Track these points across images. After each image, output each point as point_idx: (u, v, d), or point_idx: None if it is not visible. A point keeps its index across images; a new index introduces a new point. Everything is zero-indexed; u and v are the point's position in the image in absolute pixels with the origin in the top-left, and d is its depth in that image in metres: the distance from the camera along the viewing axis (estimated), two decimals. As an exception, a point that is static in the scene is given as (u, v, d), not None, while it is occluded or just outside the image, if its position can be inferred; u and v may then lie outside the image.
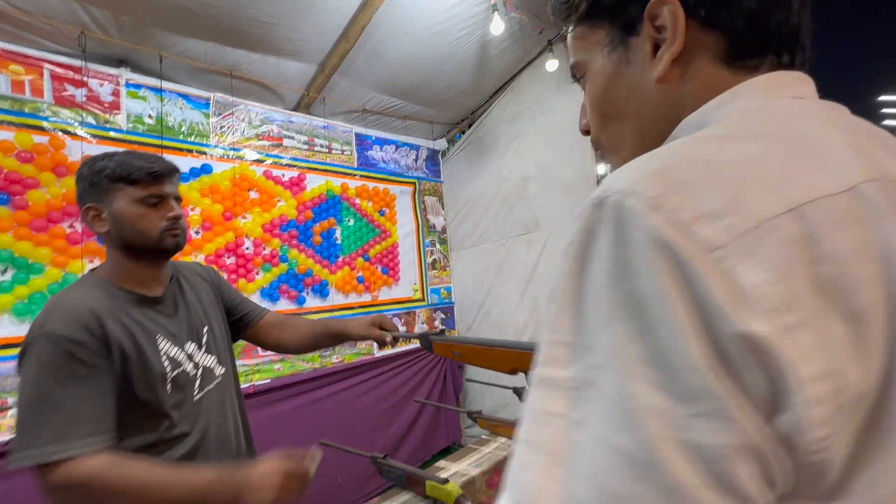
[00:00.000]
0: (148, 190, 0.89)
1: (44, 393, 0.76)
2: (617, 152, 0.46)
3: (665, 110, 0.41)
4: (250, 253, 2.50)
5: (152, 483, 0.76)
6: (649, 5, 0.39)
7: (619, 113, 0.44)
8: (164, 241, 0.91)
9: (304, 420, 2.55)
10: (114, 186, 0.87)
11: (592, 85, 0.46)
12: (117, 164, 0.87)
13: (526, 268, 3.20)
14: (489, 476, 1.45)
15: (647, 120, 0.43)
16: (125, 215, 0.87)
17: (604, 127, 0.46)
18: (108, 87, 2.10)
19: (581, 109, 0.50)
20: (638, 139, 0.44)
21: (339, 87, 2.78)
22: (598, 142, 0.48)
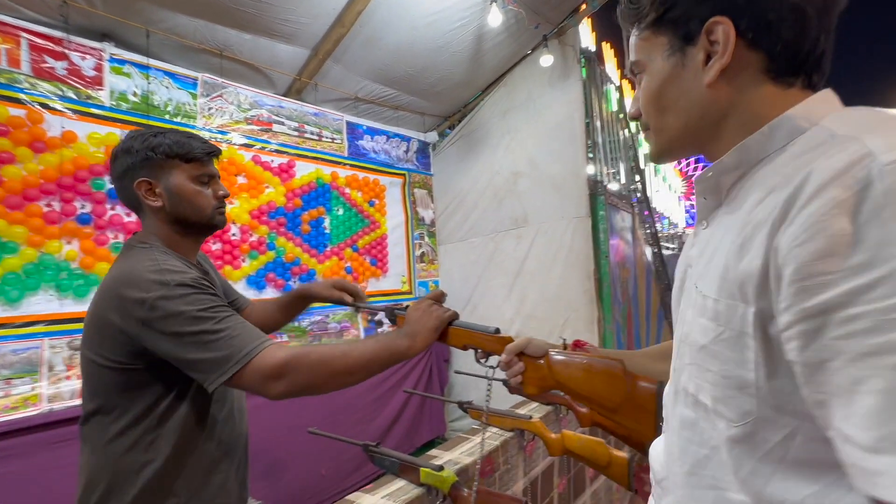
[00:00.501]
0: (202, 168, 0.92)
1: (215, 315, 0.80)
2: (662, 135, 0.57)
3: (712, 109, 0.51)
4: (237, 239, 2.44)
5: (346, 348, 0.83)
6: (708, 23, 0.48)
7: (670, 106, 0.54)
8: (215, 217, 0.94)
9: (289, 411, 2.50)
10: (170, 162, 0.89)
11: (650, 81, 0.55)
12: (174, 142, 0.89)
13: (514, 263, 3.21)
14: (482, 464, 1.45)
15: (695, 115, 0.52)
16: (184, 190, 0.90)
17: (655, 115, 0.56)
18: (90, 61, 2.01)
19: (633, 98, 0.60)
20: (682, 128, 0.54)
21: (332, 73, 2.73)
22: (646, 125, 0.58)
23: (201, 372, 0.79)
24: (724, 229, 0.49)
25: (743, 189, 0.49)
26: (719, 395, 0.47)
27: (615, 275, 3.03)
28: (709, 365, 0.48)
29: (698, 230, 0.57)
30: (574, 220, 2.91)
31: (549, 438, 1.53)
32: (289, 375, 0.78)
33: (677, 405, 0.57)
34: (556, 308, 2.98)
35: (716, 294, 0.47)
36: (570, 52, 2.93)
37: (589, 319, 2.83)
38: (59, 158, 1.87)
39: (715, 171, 0.52)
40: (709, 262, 0.50)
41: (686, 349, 0.53)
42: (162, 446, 0.83)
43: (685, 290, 0.58)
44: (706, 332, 0.48)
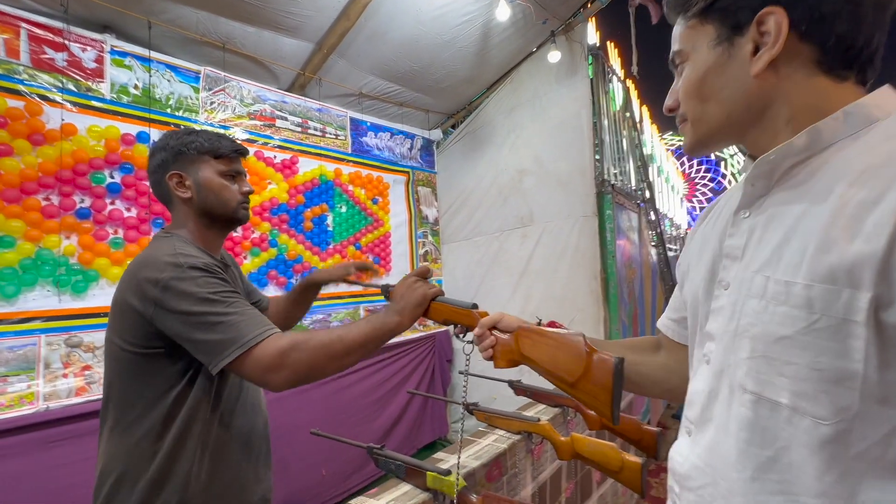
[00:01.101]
0: (230, 165, 0.98)
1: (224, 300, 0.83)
2: (701, 125, 0.56)
3: (758, 99, 0.51)
4: (238, 236, 2.40)
5: (341, 331, 0.85)
6: (761, 13, 0.48)
7: (713, 96, 0.53)
8: (238, 211, 0.99)
9: (289, 412, 2.47)
10: (200, 158, 0.95)
11: (693, 70, 0.54)
12: (206, 139, 0.96)
13: (519, 262, 3.17)
14: (489, 469, 1.41)
15: (740, 105, 0.52)
16: (212, 184, 0.96)
17: (696, 105, 0.55)
18: (91, 52, 1.97)
19: (671, 91, 0.59)
20: (724, 118, 0.54)
21: (336, 68, 2.69)
22: (684, 116, 0.57)
23: (205, 353, 0.81)
24: (796, 215, 0.47)
25: (815, 173, 0.48)
26: (806, 390, 0.44)
27: (622, 275, 2.99)
28: (792, 357, 0.45)
29: (736, 220, 0.55)
30: (580, 218, 2.87)
31: (559, 441, 1.49)
32: (290, 364, 0.80)
33: (732, 405, 0.52)
34: (561, 308, 2.93)
35: (806, 279, 0.44)
36: (578, 48, 2.88)
37: (595, 320, 2.78)
38: (58, 151, 1.83)
39: (779, 153, 0.50)
40: (779, 247, 0.48)
41: (746, 343, 0.50)
42: (173, 435, 0.85)
43: (727, 281, 0.55)
44: (791, 321, 0.45)
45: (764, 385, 0.48)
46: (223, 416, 0.92)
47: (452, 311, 0.91)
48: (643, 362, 0.77)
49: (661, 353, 0.79)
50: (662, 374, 0.74)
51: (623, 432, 1.42)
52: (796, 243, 0.46)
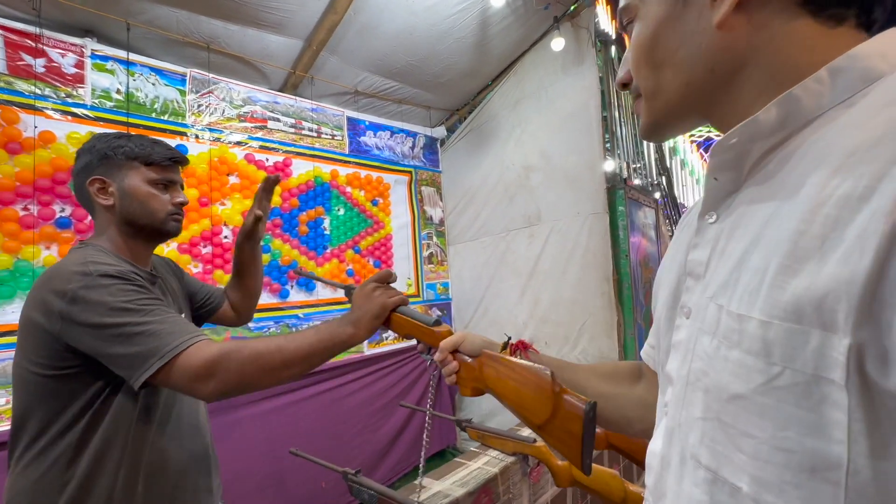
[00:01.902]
0: (162, 173, 0.92)
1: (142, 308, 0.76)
2: (657, 100, 0.43)
3: (724, 58, 0.38)
4: (229, 242, 2.33)
5: (282, 341, 0.78)
6: None
7: (667, 60, 0.41)
8: (167, 223, 0.93)
9: (286, 422, 2.39)
10: (129, 164, 0.89)
11: (642, 28, 0.42)
12: (136, 145, 0.90)
13: (527, 263, 3.01)
14: (475, 497, 1.27)
15: (700, 68, 0.39)
16: (138, 192, 0.89)
17: (648, 74, 0.43)
18: (70, 57, 1.92)
19: (622, 61, 0.47)
20: (683, 88, 0.41)
21: (329, 65, 2.59)
22: (637, 89, 0.45)
23: (125, 368, 0.75)
24: (762, 219, 0.34)
25: (789, 160, 0.34)
26: (768, 478, 0.31)
27: (637, 275, 2.79)
28: (748, 427, 0.32)
29: (702, 225, 0.42)
30: (590, 216, 2.69)
31: (556, 466, 1.34)
32: (218, 374, 0.74)
33: (684, 480, 0.38)
34: (571, 312, 2.76)
35: (763, 313, 0.31)
36: (585, 35, 2.70)
37: (608, 324, 2.60)
38: (36, 160, 1.78)
39: (742, 134, 0.37)
40: (737, 266, 0.35)
41: (699, 397, 0.37)
42: (87, 462, 0.76)
43: (688, 308, 0.42)
44: (745, 372, 0.32)
45: (721, 461, 0.35)
46: (147, 442, 0.83)
47: (413, 325, 0.82)
48: (619, 395, 0.63)
49: (640, 383, 0.64)
50: (638, 411, 0.61)
51: (631, 454, 1.26)
52: (757, 260, 0.33)
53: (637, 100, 0.46)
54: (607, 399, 0.64)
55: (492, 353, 0.69)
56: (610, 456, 1.86)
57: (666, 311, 0.47)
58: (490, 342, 0.73)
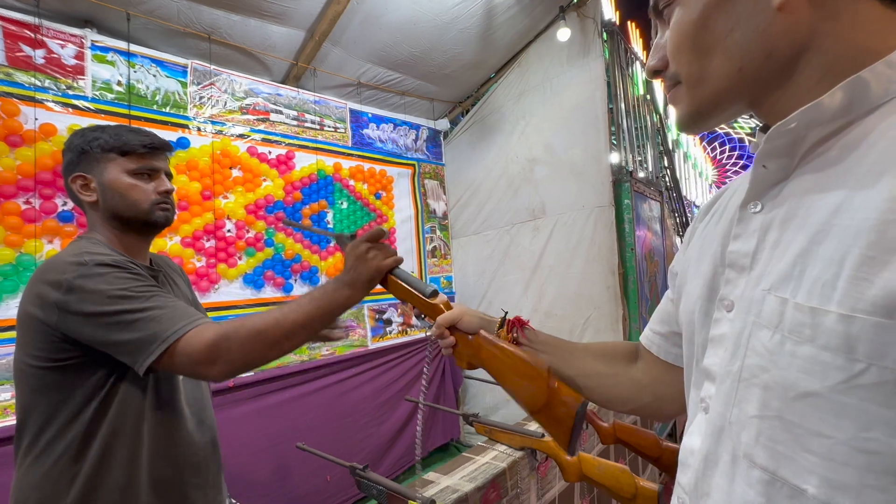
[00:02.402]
0: (141, 162, 0.88)
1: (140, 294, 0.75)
2: (703, 87, 0.40)
3: (784, 42, 0.35)
4: (232, 236, 2.31)
5: (279, 314, 0.77)
6: None
7: (717, 44, 0.38)
8: (153, 213, 0.90)
9: (291, 416, 2.38)
10: (105, 156, 0.86)
11: (687, 12, 0.39)
12: (111, 135, 0.87)
13: (531, 256, 2.99)
14: (484, 492, 1.26)
15: (757, 54, 0.37)
16: (117, 185, 0.86)
17: (694, 60, 0.40)
18: (70, 48, 1.89)
19: (654, 47, 0.44)
20: (734, 77, 0.38)
21: (331, 57, 2.56)
22: (676, 77, 0.42)
23: (128, 354, 0.74)
24: (830, 208, 0.32)
25: (858, 147, 0.33)
26: (846, 480, 0.30)
27: (642, 268, 2.77)
28: (823, 427, 0.31)
29: (744, 215, 0.41)
30: (596, 209, 2.66)
31: (564, 461, 1.33)
32: (223, 356, 0.73)
33: (735, 481, 0.36)
34: (576, 305, 2.74)
35: (845, 307, 0.29)
36: (591, 25, 2.66)
37: (613, 317, 2.58)
38: (38, 153, 1.76)
39: (801, 119, 0.35)
40: (801, 256, 0.33)
41: (755, 394, 0.35)
42: (92, 457, 0.76)
43: (729, 301, 0.40)
44: (821, 370, 0.31)
45: (781, 461, 0.33)
46: (159, 431, 0.83)
47: (410, 293, 0.80)
48: (614, 375, 0.65)
49: (636, 365, 0.65)
50: (632, 390, 0.64)
51: (641, 449, 1.25)
52: (829, 251, 0.31)
53: (674, 87, 0.43)
54: (602, 378, 0.65)
55: (489, 338, 0.69)
56: (616, 450, 1.86)
57: (701, 304, 0.45)
58: (488, 319, 0.73)
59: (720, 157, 19.44)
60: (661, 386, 0.62)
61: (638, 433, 1.22)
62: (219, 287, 2.25)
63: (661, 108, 3.91)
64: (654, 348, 0.62)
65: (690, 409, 0.47)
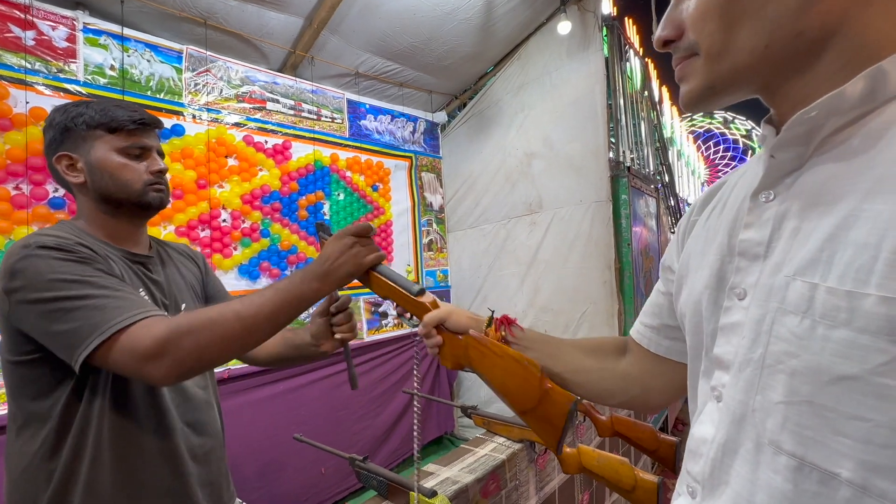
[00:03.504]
0: (131, 139, 0.82)
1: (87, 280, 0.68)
2: (723, 61, 0.38)
3: (818, 24, 0.35)
4: (227, 226, 2.28)
5: (239, 306, 0.70)
6: None
7: (749, 15, 0.36)
8: (146, 194, 0.83)
9: (285, 408, 2.37)
10: (92, 134, 0.79)
11: None
12: (97, 111, 0.80)
13: (527, 251, 2.99)
14: (484, 483, 1.26)
15: (787, 32, 0.36)
16: (105, 164, 0.80)
17: (716, 29, 0.38)
18: (62, 31, 1.84)
19: (664, 19, 0.42)
20: (761, 51, 0.37)
21: (329, 45, 2.52)
22: (693, 47, 0.40)
23: (64, 348, 0.66)
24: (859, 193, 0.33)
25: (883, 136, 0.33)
26: (884, 462, 0.30)
27: (638, 264, 2.79)
28: (860, 409, 0.31)
29: (755, 205, 0.41)
30: (593, 204, 2.67)
31: (564, 454, 1.33)
32: (171, 353, 0.65)
33: (760, 468, 0.37)
34: (572, 300, 2.75)
35: (885, 289, 0.29)
36: (591, 18, 2.65)
37: (608, 313, 2.60)
38: (28, 137, 1.71)
39: (823, 107, 0.35)
40: (827, 242, 0.33)
41: (780, 380, 0.36)
42: (65, 454, 0.70)
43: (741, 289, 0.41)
44: (859, 353, 0.31)
45: (810, 447, 0.34)
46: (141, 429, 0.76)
47: (395, 291, 0.77)
48: (602, 369, 0.66)
49: (624, 358, 0.66)
50: (620, 383, 0.65)
51: (638, 441, 1.26)
52: (862, 235, 0.32)
53: (686, 60, 0.41)
54: (590, 373, 0.66)
55: (479, 337, 0.68)
56: (612, 443, 1.87)
57: (709, 294, 0.46)
58: (476, 318, 0.72)
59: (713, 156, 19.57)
60: (649, 378, 0.63)
61: (635, 426, 1.22)
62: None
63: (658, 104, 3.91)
64: (644, 341, 0.62)
65: (699, 398, 0.47)
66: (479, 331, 0.70)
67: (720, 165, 20.14)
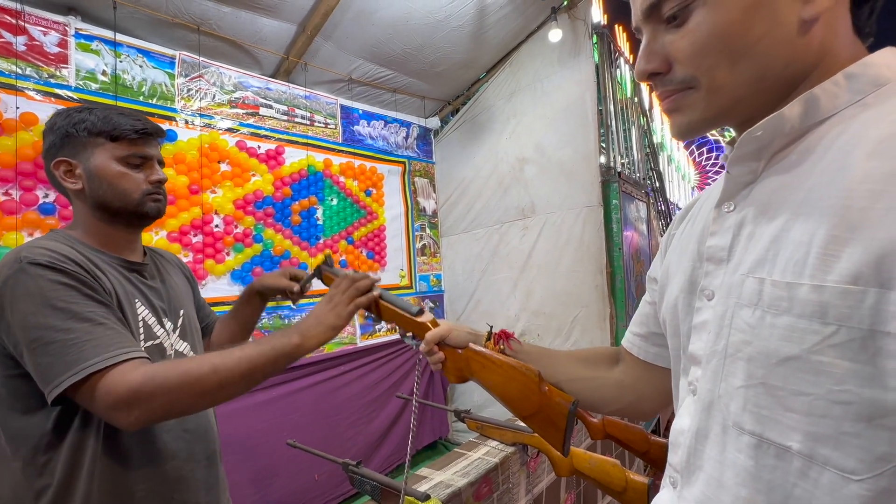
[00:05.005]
0: (132, 148, 0.81)
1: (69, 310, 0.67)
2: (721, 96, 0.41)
3: (801, 56, 0.38)
4: (220, 231, 2.27)
5: (217, 360, 0.70)
6: None
7: (748, 50, 0.39)
8: (144, 204, 0.83)
9: (279, 414, 2.36)
10: (93, 141, 0.79)
11: (719, 13, 0.39)
12: (99, 118, 0.79)
13: (520, 255, 3.01)
14: (477, 487, 1.27)
15: (779, 63, 0.39)
16: (105, 173, 0.79)
17: (717, 64, 0.40)
18: (53, 36, 1.84)
19: (644, 52, 0.44)
20: (755, 84, 0.40)
21: (323, 51, 2.54)
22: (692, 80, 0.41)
23: (39, 379, 0.65)
24: (794, 202, 0.38)
25: (814, 151, 0.38)
26: (825, 431, 0.34)
27: (629, 268, 2.82)
28: (802, 385, 0.35)
29: (719, 215, 0.45)
30: (585, 209, 2.70)
31: (556, 457, 1.35)
32: (142, 403, 0.65)
33: (727, 449, 0.40)
34: (564, 304, 2.78)
35: (816, 278, 0.34)
36: (581, 26, 2.69)
37: (600, 316, 2.62)
38: (18, 142, 1.71)
39: (768, 127, 0.40)
40: (773, 243, 0.38)
41: (740, 366, 0.40)
42: (59, 473, 0.69)
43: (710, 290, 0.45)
44: (798, 335, 0.35)
45: (766, 424, 0.37)
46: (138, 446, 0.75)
47: (397, 314, 0.83)
48: (597, 378, 0.69)
49: (618, 367, 0.69)
50: (615, 391, 0.67)
51: (630, 444, 1.27)
52: (799, 233, 0.36)
53: (680, 93, 0.43)
54: (585, 382, 0.69)
55: (479, 350, 0.72)
56: (604, 445, 1.89)
57: (683, 297, 0.49)
58: (475, 333, 0.76)
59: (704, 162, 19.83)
60: (641, 385, 0.65)
61: (627, 428, 1.24)
62: (206, 283, 2.21)
63: (648, 110, 3.97)
64: (634, 349, 0.66)
65: (679, 396, 0.51)
66: (479, 345, 0.74)
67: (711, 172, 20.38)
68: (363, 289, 0.85)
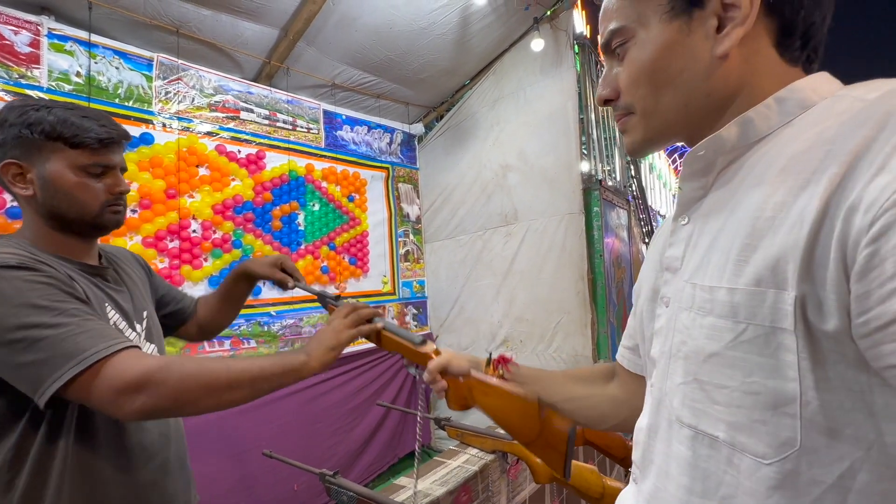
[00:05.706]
0: (94, 157, 0.74)
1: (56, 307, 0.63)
2: (654, 119, 0.47)
3: (721, 85, 0.43)
4: (197, 236, 2.23)
5: (230, 361, 0.70)
6: None
7: (669, 82, 0.44)
8: (103, 216, 0.77)
9: (258, 422, 2.31)
10: (50, 145, 0.72)
11: (644, 51, 0.45)
12: (58, 120, 0.72)
13: (503, 262, 3.03)
14: (456, 495, 1.26)
15: (699, 93, 0.44)
16: (61, 182, 0.72)
17: (648, 94, 0.46)
18: (24, 35, 1.79)
19: (602, 81, 0.50)
20: (681, 109, 0.45)
21: (306, 56, 2.52)
22: (628, 108, 0.48)
23: (28, 380, 0.61)
24: (725, 214, 0.42)
25: (743, 168, 0.42)
26: (741, 420, 0.37)
27: (610, 274, 2.85)
28: (723, 379, 0.38)
29: (676, 227, 0.49)
30: (567, 216, 2.73)
31: (535, 463, 1.35)
32: (150, 388, 0.62)
33: (672, 442, 0.43)
34: (547, 310, 2.79)
35: (730, 282, 0.38)
36: (563, 37, 2.73)
37: (582, 322, 2.64)
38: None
39: (709, 147, 0.44)
40: (707, 251, 0.42)
41: (680, 365, 0.43)
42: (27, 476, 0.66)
43: (667, 297, 0.48)
44: (718, 333, 0.39)
45: (700, 416, 0.41)
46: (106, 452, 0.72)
47: (400, 344, 0.85)
48: (593, 395, 0.71)
49: (613, 383, 0.71)
50: (610, 407, 0.70)
51: (608, 450, 1.28)
52: (725, 241, 0.40)
53: (626, 117, 0.49)
54: (582, 400, 0.71)
55: (480, 378, 0.74)
56: (585, 451, 1.90)
57: (647, 305, 0.53)
58: (475, 360, 0.78)
59: (683, 168, 20.17)
60: (636, 399, 0.66)
61: (605, 434, 1.25)
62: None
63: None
64: (625, 362, 0.68)
65: (646, 398, 0.53)
66: (479, 371, 0.75)
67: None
68: (365, 316, 0.84)
